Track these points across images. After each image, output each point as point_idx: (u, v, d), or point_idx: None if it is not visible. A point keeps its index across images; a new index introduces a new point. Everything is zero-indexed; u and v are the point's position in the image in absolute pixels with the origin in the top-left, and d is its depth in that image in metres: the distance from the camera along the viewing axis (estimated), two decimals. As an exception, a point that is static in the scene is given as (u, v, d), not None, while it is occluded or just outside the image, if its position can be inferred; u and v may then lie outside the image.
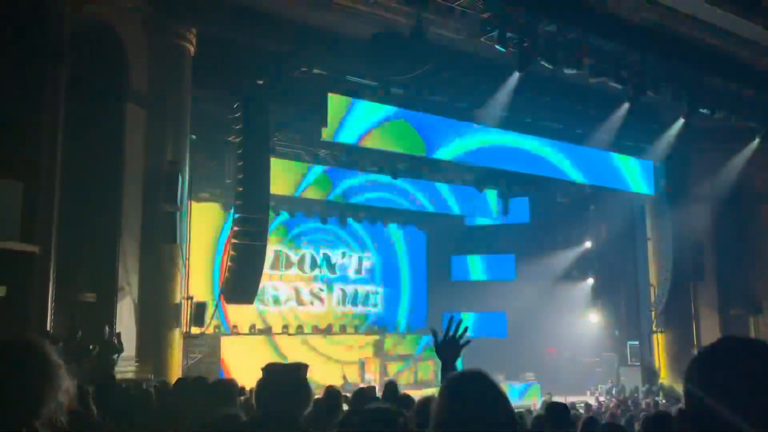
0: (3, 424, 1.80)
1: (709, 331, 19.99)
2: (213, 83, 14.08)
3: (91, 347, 8.95)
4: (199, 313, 13.38)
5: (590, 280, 22.11)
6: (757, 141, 18.09)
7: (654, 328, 20.18)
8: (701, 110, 15.79)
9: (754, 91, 16.11)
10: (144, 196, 12.21)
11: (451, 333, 2.56)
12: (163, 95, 12.57)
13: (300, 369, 2.65)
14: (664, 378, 19.56)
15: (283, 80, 14.14)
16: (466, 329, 2.58)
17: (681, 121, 16.69)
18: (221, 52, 13.59)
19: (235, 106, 13.75)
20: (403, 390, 7.03)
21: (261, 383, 2.61)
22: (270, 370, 2.63)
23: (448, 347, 2.56)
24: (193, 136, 13.56)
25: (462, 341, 2.57)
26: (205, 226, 17.97)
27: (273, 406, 2.51)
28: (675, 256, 19.48)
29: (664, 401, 16.09)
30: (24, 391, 1.83)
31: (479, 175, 19.71)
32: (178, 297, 12.57)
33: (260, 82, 13.83)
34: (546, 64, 12.66)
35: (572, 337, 21.25)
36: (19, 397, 1.83)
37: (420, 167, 18.41)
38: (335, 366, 18.22)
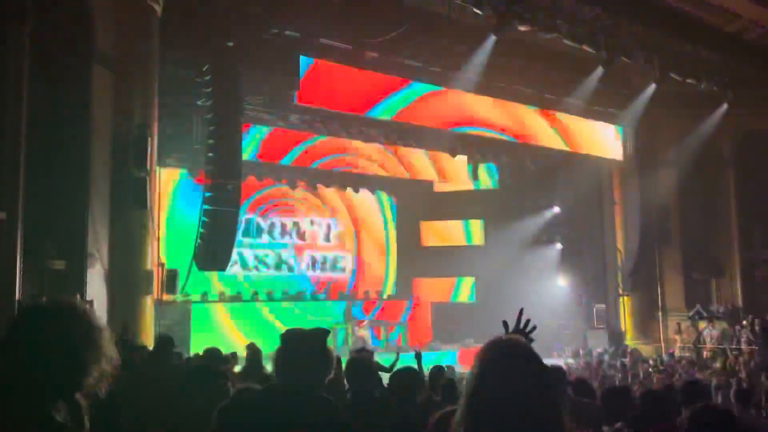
0: (44, 397, 1.64)
1: (673, 295, 20.47)
2: (181, 45, 13.66)
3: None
4: (170, 280, 13.18)
5: (558, 245, 22.34)
6: (725, 107, 18.32)
7: (620, 292, 20.54)
8: (672, 75, 15.89)
9: (723, 57, 16.25)
10: (113, 161, 11.88)
11: (520, 327, 2.51)
12: (131, 57, 12.17)
13: (321, 334, 2.53)
14: (630, 340, 19.98)
15: (253, 42, 13.79)
16: (534, 328, 2.54)
17: (652, 86, 16.78)
18: (189, 13, 13.19)
19: (204, 68, 13.38)
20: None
21: (282, 351, 2.48)
22: (290, 337, 2.51)
23: None
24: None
25: (529, 338, 2.50)
26: (174, 192, 17.66)
27: (294, 375, 2.39)
28: (642, 221, 19.77)
29: (629, 363, 16.45)
30: (68, 358, 1.68)
31: (449, 140, 19.61)
32: (150, 264, 12.34)
33: (230, 44, 13.46)
34: (522, 28, 12.55)
35: (540, 301, 21.49)
36: (63, 366, 1.68)
37: (390, 132, 18.24)
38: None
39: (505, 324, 2.57)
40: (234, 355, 8.82)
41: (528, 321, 2.55)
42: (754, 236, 20.10)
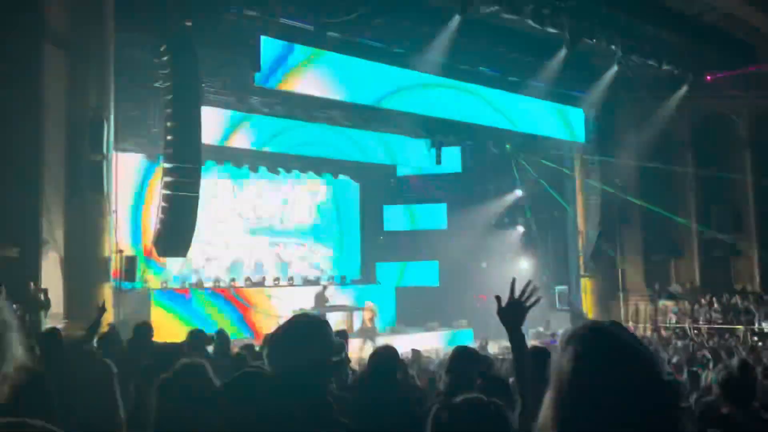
0: None
1: (634, 276, 20.74)
2: (138, 25, 13.23)
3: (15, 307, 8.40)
4: (129, 267, 12.85)
5: (521, 228, 22.46)
6: (684, 89, 18.53)
7: (582, 273, 20.74)
8: (633, 58, 15.99)
9: (683, 40, 16.41)
10: (67, 145, 11.48)
11: (516, 296, 2.40)
12: (86, 36, 11.77)
13: (324, 324, 2.37)
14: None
15: (212, 22, 13.42)
16: (535, 289, 2.41)
17: (613, 69, 16.89)
18: (145, -9, 12.78)
19: (162, 49, 12.98)
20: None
21: (277, 336, 2.31)
22: (288, 323, 2.34)
23: (511, 311, 2.40)
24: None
25: (529, 303, 2.40)
26: (129, 177, 17.21)
27: (286, 362, 2.22)
28: (603, 203, 19.96)
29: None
30: None
31: (412, 123, 19.50)
32: (107, 251, 11.99)
33: (188, 23, 13.07)
34: (486, 9, 12.45)
35: (503, 283, 21.54)
36: None
37: (354, 115, 18.05)
38: (273, 320, 17.99)
39: (497, 298, 2.44)
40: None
41: (527, 286, 2.42)
42: (712, 217, 20.46)
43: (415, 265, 22.78)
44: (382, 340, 14.33)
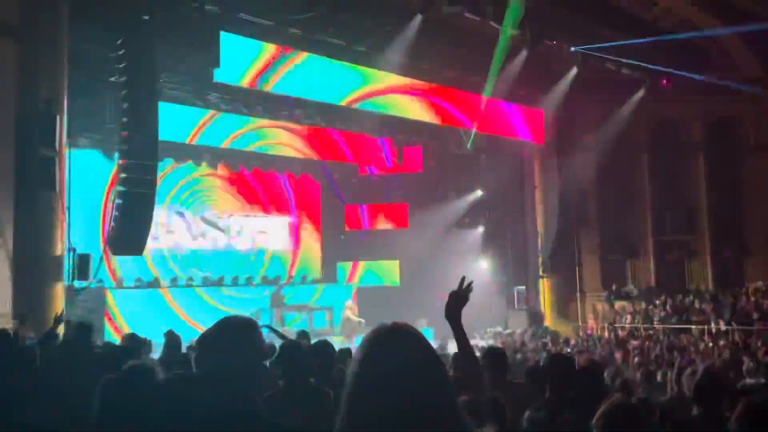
0: None
1: (591, 277, 21.01)
2: (93, 17, 12.90)
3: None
4: (83, 265, 12.52)
5: (481, 228, 22.57)
6: (641, 92, 18.83)
7: (540, 274, 20.92)
8: (592, 61, 16.18)
9: (642, 44, 16.64)
10: (17, 139, 11.12)
11: (456, 290, 2.79)
12: (37, 28, 11.42)
13: (249, 322, 2.32)
14: (549, 321, 20.41)
15: (171, 16, 13.15)
16: (470, 283, 2.85)
17: (573, 71, 17.05)
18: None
19: (118, 42, 12.67)
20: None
21: (204, 338, 2.26)
22: (217, 324, 2.28)
23: (453, 303, 2.78)
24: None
25: (467, 291, 2.79)
26: (84, 173, 16.79)
27: (214, 364, 2.18)
28: (561, 205, 20.16)
29: (550, 343, 16.77)
30: None
31: (374, 122, 19.45)
32: (59, 248, 11.67)
33: (146, 17, 12.78)
34: (448, 9, 12.44)
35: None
36: None
37: (315, 113, 17.91)
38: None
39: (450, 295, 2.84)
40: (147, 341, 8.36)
41: (463, 280, 2.84)
42: (667, 220, 20.84)
43: (375, 264, 22.74)
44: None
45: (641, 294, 20.16)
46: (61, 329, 9.46)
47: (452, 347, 12.85)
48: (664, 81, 18.66)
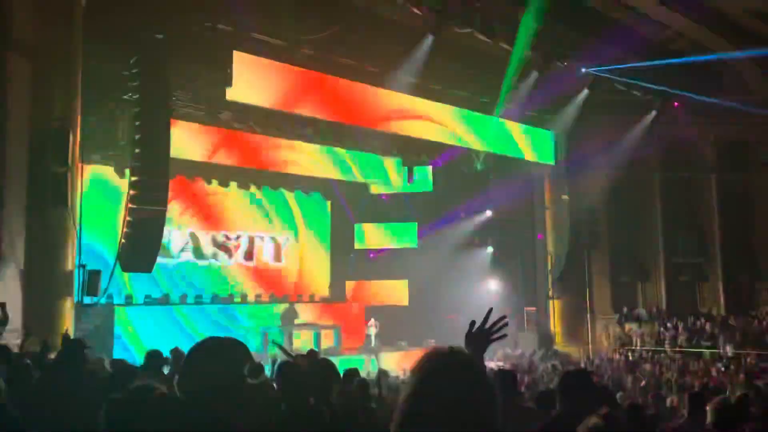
0: None
1: (601, 298, 20.87)
2: (107, 37, 13.04)
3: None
4: (92, 281, 12.53)
5: (490, 248, 22.51)
6: (652, 114, 18.80)
7: (550, 295, 20.81)
8: (603, 83, 16.20)
9: (653, 66, 16.67)
10: (30, 156, 11.20)
11: (487, 325, 2.40)
12: (52, 47, 11.54)
13: (237, 346, 2.28)
14: (559, 343, 20.27)
15: (185, 36, 13.28)
16: (505, 324, 2.43)
17: (584, 92, 17.07)
18: (116, 3, 12.60)
19: (132, 61, 12.82)
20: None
21: (186, 360, 2.23)
22: (197, 345, 2.25)
23: (477, 337, 2.42)
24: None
25: (494, 336, 2.40)
26: (97, 190, 16.91)
27: (194, 385, 2.15)
28: (572, 226, 20.10)
29: (559, 365, 16.64)
30: None
31: (384, 142, 19.52)
32: (70, 264, 11.71)
33: (159, 36, 12.91)
34: (459, 30, 12.51)
35: (472, 304, 21.57)
36: None
37: (326, 132, 18.00)
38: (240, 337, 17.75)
39: (471, 323, 2.44)
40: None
41: (500, 319, 2.44)
42: (678, 242, 20.72)
43: (385, 283, 22.68)
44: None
45: (652, 317, 20.00)
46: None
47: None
48: (676, 103, 18.65)
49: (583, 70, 15.64)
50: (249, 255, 20.99)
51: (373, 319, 19.36)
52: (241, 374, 2.23)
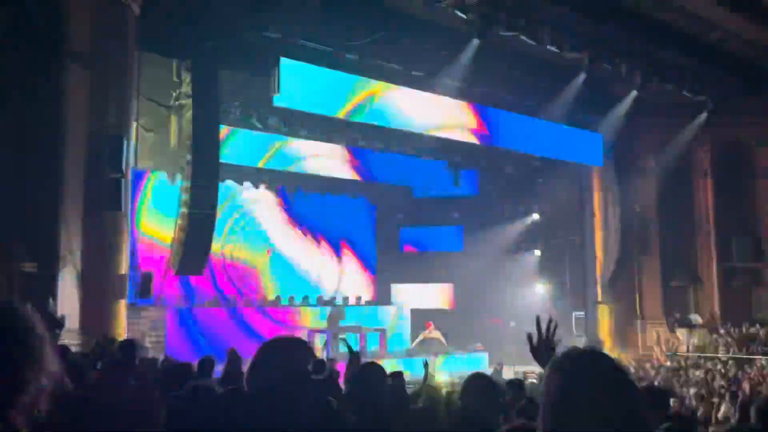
0: None
1: (652, 303, 20.48)
2: (159, 46, 13.43)
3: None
4: (145, 284, 12.89)
5: (537, 252, 22.34)
6: (704, 116, 18.42)
7: (599, 300, 20.53)
8: (653, 83, 15.95)
9: (704, 66, 16.35)
10: (87, 162, 11.58)
11: (544, 335, 2.52)
12: (107, 56, 11.90)
13: (302, 345, 2.43)
14: (608, 349, 19.96)
15: (233, 43, 13.57)
16: (556, 327, 2.54)
17: (633, 94, 16.83)
18: (168, 13, 12.95)
19: (182, 69, 13.17)
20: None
21: (255, 357, 2.37)
22: (267, 344, 2.40)
23: (541, 349, 2.52)
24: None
25: (554, 344, 2.51)
26: (150, 195, 17.37)
27: (262, 382, 2.29)
28: (621, 229, 19.80)
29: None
30: (1, 371, 1.43)
31: (430, 145, 19.56)
32: (124, 267, 12.05)
33: (209, 44, 13.23)
34: (505, 33, 12.49)
35: (518, 308, 21.47)
36: None
37: (372, 137, 18.15)
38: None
39: (529, 336, 2.53)
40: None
41: (550, 324, 2.52)
42: (732, 246, 20.21)
43: (430, 287, 22.71)
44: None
45: (704, 322, 19.56)
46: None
47: (507, 373, 12.75)
48: (729, 104, 18.23)
49: (632, 71, 15.40)
50: (294, 267, 21.25)
51: (430, 322, 19.46)
52: (307, 370, 2.36)
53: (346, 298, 20.88)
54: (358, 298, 21.45)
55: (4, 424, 1.44)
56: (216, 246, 15.75)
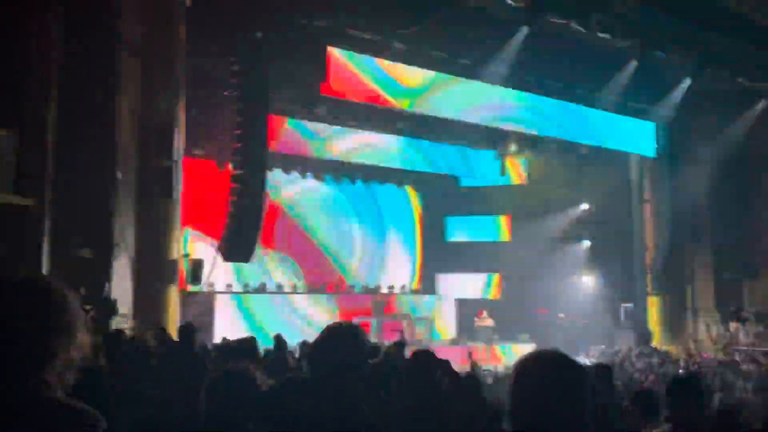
0: (5, 376, 1.53)
1: (704, 296, 20.00)
2: (208, 35, 13.61)
3: (87, 308, 8.66)
4: (195, 270, 13.14)
5: (586, 242, 22.03)
6: (761, 104, 17.86)
7: (649, 291, 20.16)
8: (707, 71, 15.52)
9: (762, 53, 15.83)
10: (139, 150, 11.84)
11: None
12: (158, 46, 12.12)
13: (360, 332, 2.51)
14: (658, 341, 19.62)
15: (281, 33, 13.68)
16: None
17: (687, 81, 16.42)
18: (218, 3, 13.12)
19: (232, 59, 13.33)
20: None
21: (316, 343, 2.46)
22: (329, 331, 2.49)
23: None
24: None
25: None
26: (199, 183, 17.65)
27: (327, 368, 2.37)
28: (673, 219, 19.39)
29: (656, 363, 16.13)
30: (33, 339, 1.56)
31: (476, 134, 19.43)
32: (175, 254, 12.31)
33: (258, 34, 13.36)
34: (555, 20, 12.30)
35: (566, 298, 21.23)
36: (26, 346, 1.55)
37: (419, 125, 18.12)
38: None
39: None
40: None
41: None
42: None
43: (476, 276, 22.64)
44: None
45: (759, 315, 19.04)
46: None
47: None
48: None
49: (686, 58, 15.01)
50: (341, 255, 21.38)
51: (485, 312, 19.42)
52: (363, 355, 2.47)
53: (392, 287, 20.95)
54: (404, 287, 21.52)
55: (36, 390, 1.55)
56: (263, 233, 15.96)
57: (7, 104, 9.21)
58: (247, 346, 6.15)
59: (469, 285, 22.61)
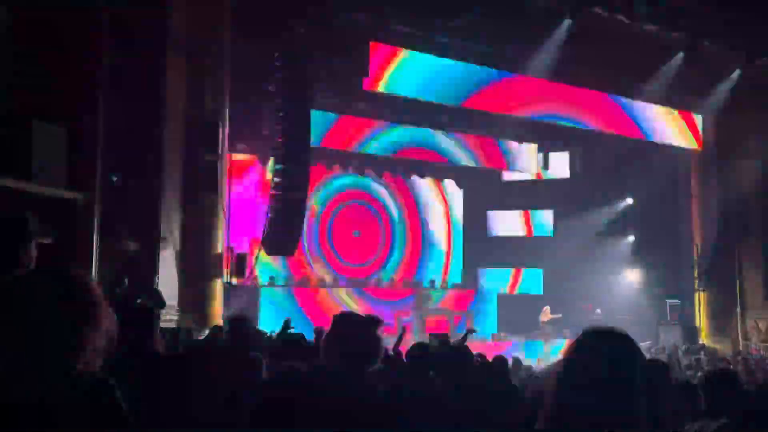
0: (32, 365, 1.59)
1: (753, 292, 19.52)
2: (251, 31, 13.78)
3: (138, 300, 8.85)
4: (239, 264, 13.35)
5: (631, 237, 21.71)
6: (814, 96, 17.33)
7: (696, 287, 19.78)
8: (757, 62, 15.13)
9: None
10: (185, 145, 12.06)
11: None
12: (203, 43, 12.32)
13: (373, 323, 2.53)
14: (705, 338, 19.25)
15: (323, 28, 13.77)
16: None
17: (736, 73, 16.02)
18: (261, 1, 13.28)
19: (275, 55, 13.46)
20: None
21: (330, 334, 2.50)
22: (341, 321, 2.52)
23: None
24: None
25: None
26: (242, 177, 17.91)
27: (338, 359, 2.41)
28: (720, 214, 18.97)
29: (704, 360, 15.83)
30: (59, 328, 1.62)
31: (520, 128, 19.28)
32: (220, 247, 12.52)
33: (301, 30, 13.48)
34: (599, 11, 12.12)
35: (610, 294, 20.96)
36: (53, 335, 1.61)
37: (461, 119, 18.05)
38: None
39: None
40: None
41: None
42: None
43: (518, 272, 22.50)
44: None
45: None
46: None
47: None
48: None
49: (735, 49, 14.64)
50: (381, 250, 21.46)
51: (548, 307, 19.32)
52: (371, 347, 2.48)
53: (432, 281, 20.94)
54: (446, 282, 21.50)
55: (68, 374, 1.63)
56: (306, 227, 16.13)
57: (60, 101, 9.46)
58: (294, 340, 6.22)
59: (510, 280, 22.49)
